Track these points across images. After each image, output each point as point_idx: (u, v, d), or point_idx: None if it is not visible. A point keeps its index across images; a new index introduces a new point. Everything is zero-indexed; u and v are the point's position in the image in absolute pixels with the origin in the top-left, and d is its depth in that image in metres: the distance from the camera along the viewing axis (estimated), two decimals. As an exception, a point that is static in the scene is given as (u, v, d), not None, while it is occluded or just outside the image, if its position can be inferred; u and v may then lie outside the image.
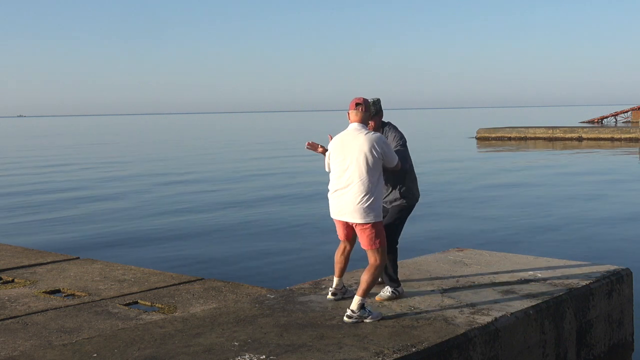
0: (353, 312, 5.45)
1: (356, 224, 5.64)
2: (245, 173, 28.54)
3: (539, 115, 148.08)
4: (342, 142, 5.71)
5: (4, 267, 8.14)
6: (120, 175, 28.33)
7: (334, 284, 6.15)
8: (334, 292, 6.10)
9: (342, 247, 6.07)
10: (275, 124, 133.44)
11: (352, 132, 5.73)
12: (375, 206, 5.58)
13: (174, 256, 12.14)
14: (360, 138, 5.61)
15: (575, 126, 58.24)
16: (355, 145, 5.61)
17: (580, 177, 24.43)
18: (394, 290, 6.10)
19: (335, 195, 5.73)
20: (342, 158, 5.67)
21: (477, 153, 39.82)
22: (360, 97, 5.82)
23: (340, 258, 6.08)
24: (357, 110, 5.74)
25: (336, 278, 6.13)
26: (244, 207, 18.19)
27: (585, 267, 7.03)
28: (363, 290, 5.51)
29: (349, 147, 5.64)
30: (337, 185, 5.70)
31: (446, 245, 9.38)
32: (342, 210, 5.66)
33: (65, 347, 4.98)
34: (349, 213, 5.61)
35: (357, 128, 5.72)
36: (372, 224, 5.57)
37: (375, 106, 6.13)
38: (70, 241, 13.71)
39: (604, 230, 14.01)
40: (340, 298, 6.07)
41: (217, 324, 5.43)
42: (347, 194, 5.61)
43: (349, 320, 5.42)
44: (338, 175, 5.70)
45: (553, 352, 5.89)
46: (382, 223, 5.70)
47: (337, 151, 5.74)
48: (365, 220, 5.55)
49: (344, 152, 5.66)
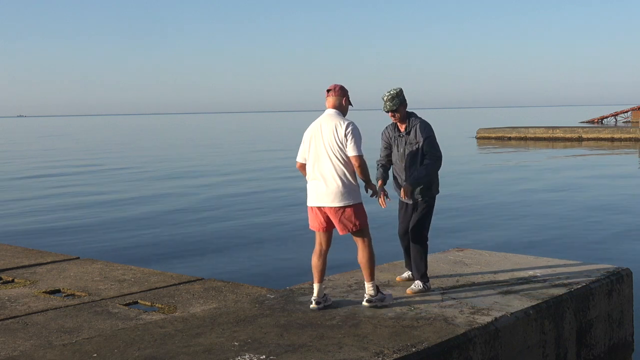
0: (372, 296, 5.67)
1: (334, 209, 5.64)
2: (246, 173, 28.53)
3: (539, 115, 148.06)
4: (314, 130, 5.75)
5: (4, 267, 8.14)
6: (121, 176, 28.33)
7: (315, 292, 5.78)
8: (318, 300, 5.75)
9: (319, 249, 5.85)
10: (275, 124, 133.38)
11: (323, 117, 5.78)
12: (352, 188, 5.65)
13: (174, 256, 12.14)
14: (327, 124, 5.68)
15: (575, 126, 58.22)
16: (325, 131, 5.67)
17: (579, 176, 24.43)
18: (424, 285, 6.18)
19: (313, 183, 5.74)
20: (315, 145, 5.71)
21: (477, 153, 39.81)
22: (333, 84, 5.89)
23: (318, 262, 5.83)
24: (328, 96, 5.82)
25: (317, 284, 5.79)
26: (244, 207, 18.19)
27: (585, 267, 7.03)
28: (370, 274, 5.70)
29: (319, 133, 5.69)
30: (313, 173, 5.72)
31: (446, 245, 9.37)
32: (319, 196, 5.68)
33: (65, 347, 4.98)
34: (325, 198, 5.64)
35: (329, 114, 5.78)
36: (352, 206, 5.64)
37: (399, 97, 6.18)
38: (71, 241, 13.71)
39: (604, 230, 14.01)
40: (323, 307, 5.74)
41: (217, 324, 5.42)
42: (323, 181, 5.64)
43: (369, 305, 5.65)
44: (313, 162, 5.72)
45: (553, 352, 5.89)
46: (362, 204, 5.75)
47: (310, 139, 5.76)
48: (345, 203, 5.61)
49: (316, 139, 5.71)
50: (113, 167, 32.68)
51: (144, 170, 30.97)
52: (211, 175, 27.71)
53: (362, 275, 6.75)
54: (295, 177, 25.78)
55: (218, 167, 32.45)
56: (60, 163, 36.34)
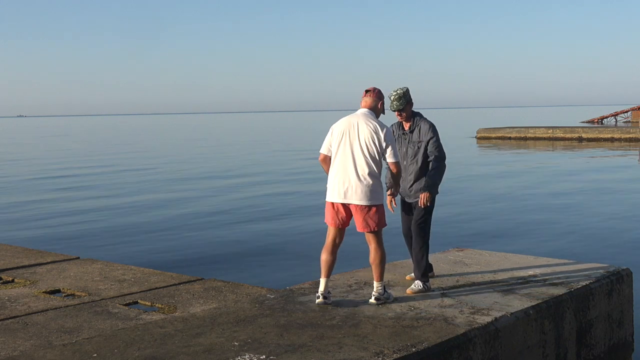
0: (380, 294, 5.81)
1: (361, 206, 5.71)
2: (246, 173, 28.53)
3: (539, 115, 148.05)
4: (349, 126, 5.80)
5: (4, 267, 8.14)
6: (123, 176, 28.33)
7: (322, 286, 5.80)
8: (325, 294, 5.78)
9: (331, 245, 5.87)
10: (274, 124, 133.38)
11: (359, 116, 5.83)
12: (380, 189, 5.77)
13: (174, 256, 12.14)
14: (365, 124, 5.75)
15: (576, 126, 58.20)
16: (362, 130, 5.74)
17: (579, 176, 24.43)
18: (424, 285, 6.19)
19: (339, 178, 5.77)
20: (349, 142, 5.76)
21: (477, 153, 39.81)
22: (372, 86, 6.01)
23: (330, 257, 5.86)
24: (366, 96, 5.94)
25: (324, 279, 5.81)
26: (244, 207, 18.19)
27: (585, 267, 7.03)
28: (380, 274, 5.82)
29: (355, 131, 5.76)
30: (343, 169, 5.75)
31: (446, 245, 9.37)
32: (346, 193, 5.73)
33: (65, 347, 4.98)
34: (353, 195, 5.70)
35: (364, 113, 5.84)
36: (377, 206, 5.75)
37: (405, 97, 6.23)
38: (70, 241, 13.71)
39: (604, 230, 14.01)
40: (330, 302, 5.78)
41: (217, 324, 5.42)
42: (355, 178, 5.69)
43: (377, 302, 5.78)
44: (343, 158, 5.76)
45: (553, 352, 5.89)
46: (384, 206, 5.90)
47: (342, 134, 5.81)
48: (371, 203, 5.70)
49: (350, 136, 5.76)
50: (112, 167, 32.68)
51: (144, 170, 30.96)
52: (211, 176, 27.69)
53: (362, 275, 6.77)
54: (296, 177, 25.77)
55: (218, 167, 32.43)
56: (61, 163, 36.33)
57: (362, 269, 7.11)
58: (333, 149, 5.83)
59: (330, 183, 5.83)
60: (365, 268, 6.99)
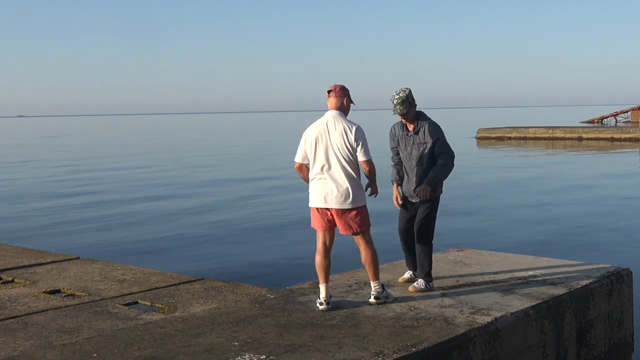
0: (379, 292, 5.81)
1: (341, 210, 5.66)
2: (247, 173, 28.53)
3: (539, 115, 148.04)
4: (320, 131, 5.72)
5: (4, 267, 8.14)
6: (123, 176, 28.33)
7: (323, 293, 5.72)
8: (327, 301, 5.71)
9: (323, 249, 5.80)
10: (273, 123, 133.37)
11: (328, 118, 5.76)
12: (359, 191, 5.73)
13: (174, 256, 12.14)
14: (335, 127, 5.68)
15: (576, 126, 58.22)
16: (332, 133, 5.67)
17: (579, 176, 24.42)
18: (427, 284, 6.19)
19: (319, 183, 5.72)
20: (323, 147, 5.69)
21: (477, 153, 39.79)
22: (333, 84, 5.86)
23: (324, 261, 5.79)
24: (330, 97, 5.80)
25: (323, 285, 5.74)
26: (244, 208, 18.19)
27: (585, 267, 7.03)
28: (374, 273, 5.81)
29: (326, 135, 5.68)
30: (320, 174, 5.71)
31: (446, 245, 9.37)
32: (326, 197, 5.68)
33: (65, 347, 4.98)
34: (333, 200, 5.66)
35: (333, 115, 5.76)
36: (358, 208, 5.71)
37: (408, 100, 6.20)
38: (71, 241, 13.70)
39: (604, 230, 14.01)
40: (332, 308, 5.72)
41: (217, 324, 5.42)
42: (332, 182, 5.65)
43: (376, 301, 5.79)
44: (320, 163, 5.70)
45: (553, 352, 5.89)
46: (366, 206, 5.83)
47: (315, 140, 5.73)
48: (352, 205, 5.66)
49: (323, 141, 5.69)
50: (113, 168, 32.68)
51: (144, 170, 30.96)
52: (213, 177, 27.69)
53: (362, 275, 6.77)
54: (297, 175, 25.78)
55: (219, 168, 32.44)
56: (60, 163, 36.34)
57: (361, 269, 7.09)
58: (310, 156, 5.76)
59: (311, 189, 5.80)
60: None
